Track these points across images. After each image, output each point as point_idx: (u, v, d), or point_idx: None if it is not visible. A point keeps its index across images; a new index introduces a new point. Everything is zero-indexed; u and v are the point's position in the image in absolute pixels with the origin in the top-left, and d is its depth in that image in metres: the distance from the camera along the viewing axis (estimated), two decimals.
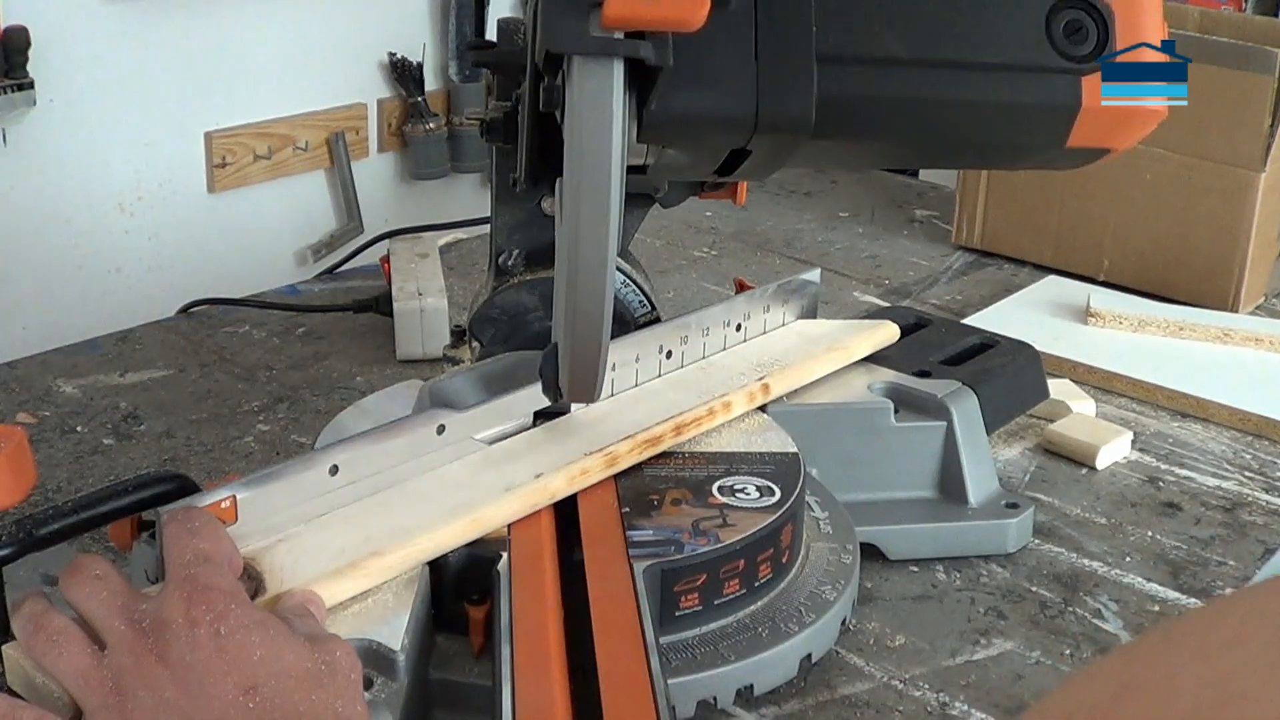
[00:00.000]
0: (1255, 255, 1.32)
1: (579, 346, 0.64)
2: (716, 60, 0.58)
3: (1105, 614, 0.85)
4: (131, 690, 0.57)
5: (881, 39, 0.66)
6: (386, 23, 2.10)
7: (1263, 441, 1.08)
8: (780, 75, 0.62)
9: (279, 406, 1.09)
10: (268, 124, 1.97)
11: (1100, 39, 0.68)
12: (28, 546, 0.66)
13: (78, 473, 0.98)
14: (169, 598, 0.60)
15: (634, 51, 0.57)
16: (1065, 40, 0.68)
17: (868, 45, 0.65)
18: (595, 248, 0.60)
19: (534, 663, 0.65)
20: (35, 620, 0.60)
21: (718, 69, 0.58)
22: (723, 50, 0.59)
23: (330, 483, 0.73)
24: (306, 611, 0.64)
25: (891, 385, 0.94)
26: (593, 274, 0.61)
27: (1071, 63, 0.68)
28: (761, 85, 0.62)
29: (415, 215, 1.88)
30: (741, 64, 0.61)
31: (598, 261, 0.61)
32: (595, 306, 0.62)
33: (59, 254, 1.79)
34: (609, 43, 0.57)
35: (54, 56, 1.70)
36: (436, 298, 1.17)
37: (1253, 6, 2.43)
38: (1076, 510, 0.97)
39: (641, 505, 0.77)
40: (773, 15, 0.62)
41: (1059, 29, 0.68)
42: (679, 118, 0.63)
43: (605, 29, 0.56)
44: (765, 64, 0.62)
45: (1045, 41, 0.68)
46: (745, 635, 0.75)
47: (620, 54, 0.57)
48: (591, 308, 0.63)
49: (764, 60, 0.62)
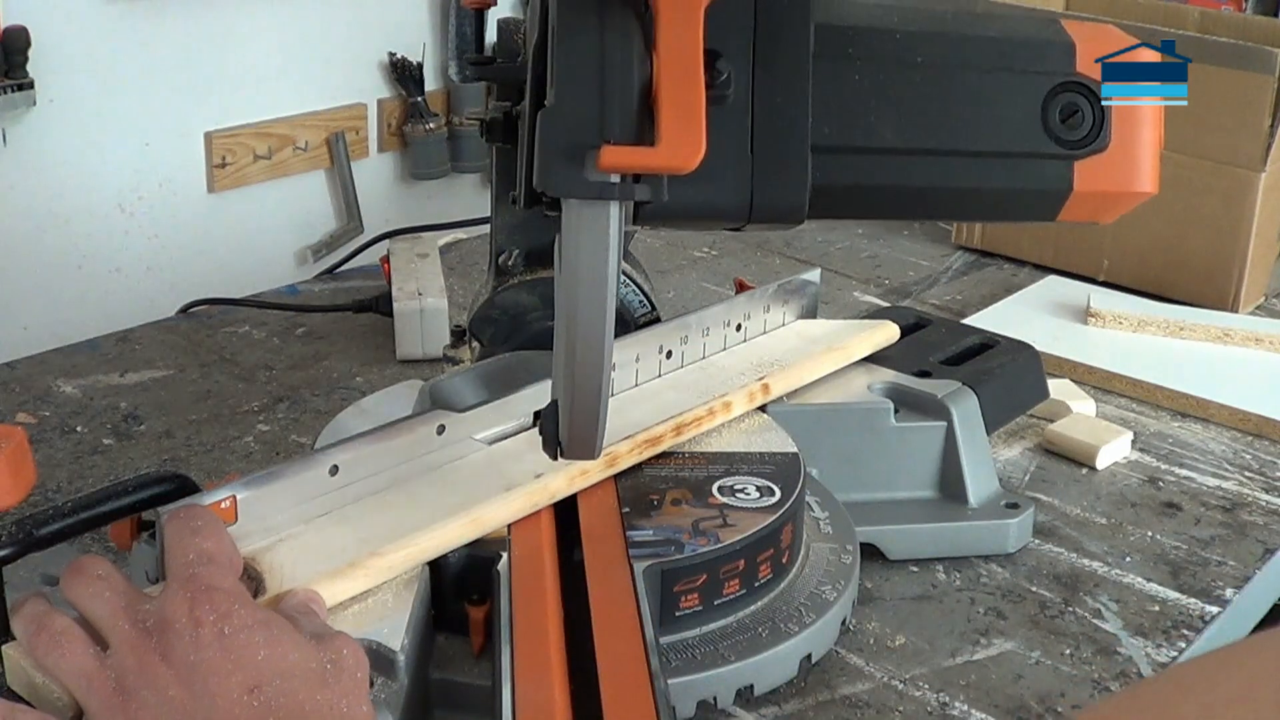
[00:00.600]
0: (1255, 255, 1.32)
1: (578, 415, 0.65)
2: (712, 155, 0.57)
3: (1105, 614, 0.85)
4: (135, 690, 0.57)
5: (877, 128, 0.65)
6: (386, 23, 2.09)
7: (1263, 441, 1.08)
8: (775, 168, 0.62)
9: (279, 406, 1.09)
10: (268, 124, 1.97)
11: (1095, 122, 0.67)
12: (28, 547, 0.66)
13: (77, 473, 0.98)
14: (172, 597, 0.59)
15: (629, 195, 0.58)
16: (1060, 125, 0.67)
17: (863, 135, 0.65)
18: (591, 357, 0.62)
19: (534, 663, 0.65)
20: (37, 620, 0.60)
21: (713, 164, 0.57)
22: (719, 145, 0.58)
23: (330, 483, 0.73)
24: (310, 610, 0.64)
25: (891, 385, 0.94)
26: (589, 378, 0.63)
27: (1065, 148, 0.67)
28: (756, 180, 0.61)
29: (415, 215, 1.88)
30: (737, 158, 0.61)
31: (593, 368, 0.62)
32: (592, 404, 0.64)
33: (59, 254, 1.78)
34: (605, 187, 0.57)
35: (54, 56, 1.70)
36: (436, 298, 1.17)
37: (1253, 6, 2.43)
38: (1076, 510, 0.97)
39: (641, 505, 0.77)
40: (770, 108, 0.61)
41: (1055, 113, 0.67)
42: (674, 212, 0.63)
43: (601, 172, 0.56)
44: (760, 157, 0.61)
45: (1040, 127, 0.67)
46: (745, 635, 0.75)
47: (616, 197, 0.57)
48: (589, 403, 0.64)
49: (759, 153, 0.61)
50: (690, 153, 0.56)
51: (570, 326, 0.61)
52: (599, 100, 0.56)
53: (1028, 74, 0.66)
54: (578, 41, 0.56)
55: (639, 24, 0.56)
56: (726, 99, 0.60)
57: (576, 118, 0.56)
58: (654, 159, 0.56)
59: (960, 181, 0.68)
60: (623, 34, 0.56)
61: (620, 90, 0.56)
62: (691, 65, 0.56)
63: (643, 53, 0.56)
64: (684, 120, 0.56)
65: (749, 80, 0.60)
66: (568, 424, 0.66)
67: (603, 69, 0.56)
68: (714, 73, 0.58)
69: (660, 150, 0.55)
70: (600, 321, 0.61)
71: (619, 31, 0.56)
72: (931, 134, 0.66)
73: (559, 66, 0.56)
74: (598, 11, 0.55)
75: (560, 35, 0.56)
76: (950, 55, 0.65)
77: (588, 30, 0.56)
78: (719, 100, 0.58)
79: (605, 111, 0.56)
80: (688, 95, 0.56)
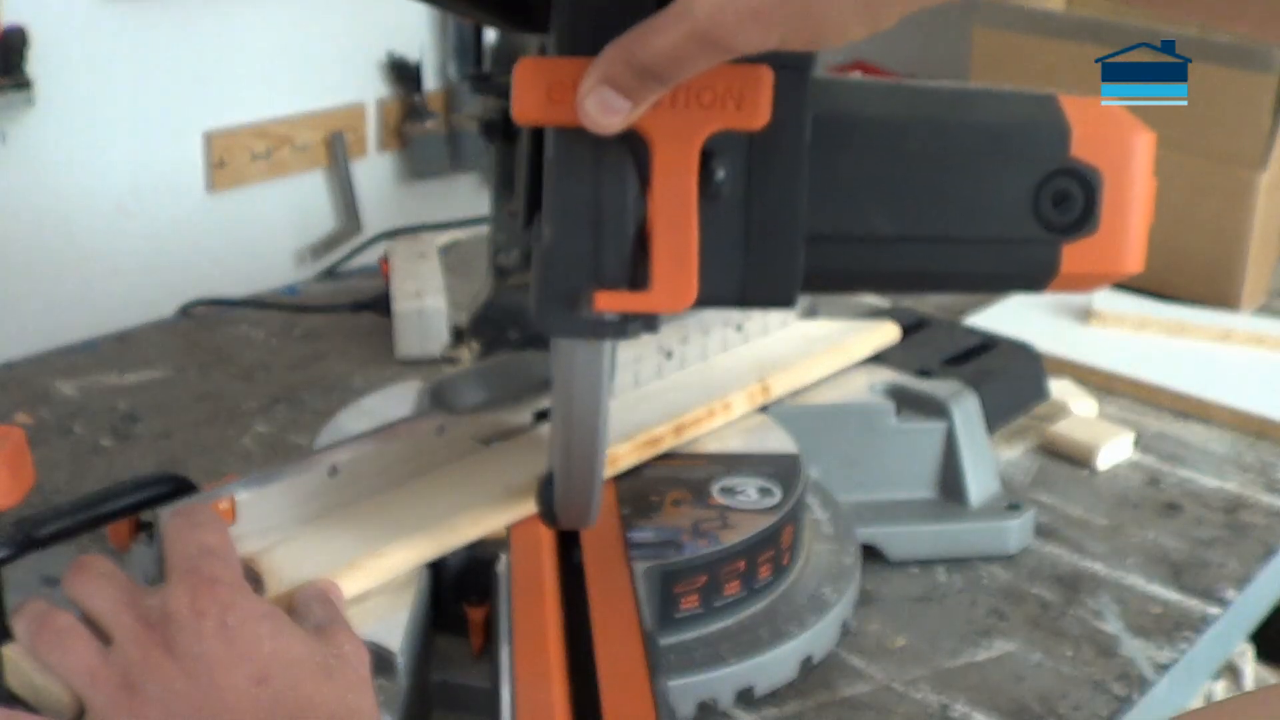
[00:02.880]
0: (1256, 255, 1.32)
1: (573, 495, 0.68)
2: (706, 250, 0.58)
3: (1106, 615, 0.85)
4: (140, 684, 0.56)
5: (870, 217, 0.65)
6: (385, 22, 2.09)
7: (1264, 442, 1.08)
8: (768, 260, 0.62)
9: (277, 407, 1.09)
10: (266, 124, 1.97)
11: (1086, 206, 0.67)
12: (26, 547, 0.66)
13: (76, 473, 0.98)
14: (174, 590, 0.59)
15: (621, 333, 0.59)
16: (1051, 210, 0.66)
17: (856, 224, 0.65)
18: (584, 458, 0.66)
19: (534, 663, 0.65)
20: (39, 619, 0.60)
21: (707, 258, 0.58)
22: (713, 241, 0.59)
23: (329, 483, 0.73)
24: (326, 599, 0.64)
25: (892, 385, 0.93)
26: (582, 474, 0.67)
27: (1053, 231, 0.67)
28: (749, 271, 0.62)
29: (414, 215, 1.88)
30: (730, 251, 0.61)
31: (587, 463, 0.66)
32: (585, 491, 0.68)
33: (57, 254, 1.78)
34: (599, 326, 0.58)
35: (53, 56, 1.70)
36: (436, 298, 1.17)
37: None
38: (1077, 511, 0.97)
39: (641, 506, 0.77)
40: (764, 202, 0.61)
41: (1046, 199, 0.66)
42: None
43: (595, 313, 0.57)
44: (753, 250, 0.61)
45: (1030, 212, 0.66)
46: (745, 636, 0.75)
47: (610, 336, 0.59)
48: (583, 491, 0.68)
49: (752, 247, 0.61)
50: (683, 299, 0.57)
51: (565, 430, 0.64)
52: (593, 243, 0.57)
53: (1022, 161, 0.66)
54: (573, 182, 0.56)
55: (634, 161, 0.56)
56: (721, 196, 0.60)
57: (571, 262, 0.57)
58: (647, 304, 0.57)
59: (948, 265, 0.68)
60: (618, 174, 0.56)
61: (615, 234, 0.57)
62: (686, 207, 0.57)
63: (638, 193, 0.57)
64: (677, 265, 0.57)
65: (745, 177, 0.60)
66: (562, 499, 0.69)
67: (598, 212, 0.56)
68: (708, 172, 0.58)
69: (653, 295, 0.56)
70: (593, 435, 0.64)
71: (614, 171, 0.56)
72: (923, 222, 0.66)
73: (555, 206, 0.57)
74: (594, 150, 0.55)
75: (556, 173, 0.56)
76: (945, 144, 0.65)
77: (583, 170, 0.56)
78: (713, 197, 0.59)
79: (600, 255, 0.57)
80: (681, 239, 0.57)
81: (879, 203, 0.64)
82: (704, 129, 0.56)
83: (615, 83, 0.51)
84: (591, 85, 0.52)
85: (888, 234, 0.65)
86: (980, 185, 0.66)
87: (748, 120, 0.56)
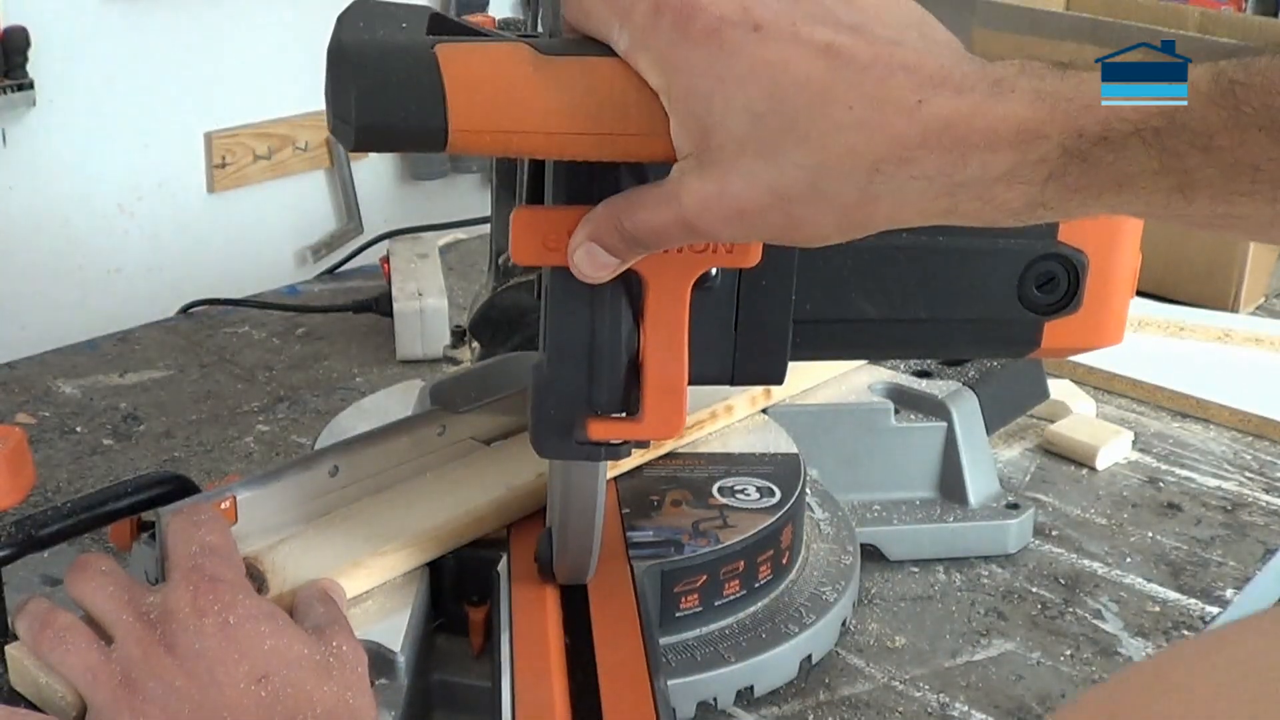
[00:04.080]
0: (1255, 255, 1.32)
1: (571, 555, 0.70)
2: (698, 336, 0.60)
3: (1105, 614, 0.85)
4: (141, 682, 0.57)
5: (857, 303, 0.67)
6: None
7: (1263, 442, 1.08)
8: (757, 343, 0.64)
9: (279, 407, 1.09)
10: (267, 124, 1.97)
11: (1070, 288, 0.68)
12: (27, 547, 0.66)
13: (77, 473, 0.98)
14: (175, 589, 0.60)
15: (614, 455, 0.61)
16: (1035, 292, 0.68)
17: (844, 310, 0.67)
18: (582, 535, 0.68)
19: (534, 663, 0.66)
20: (41, 618, 0.60)
21: (699, 343, 0.60)
22: (704, 326, 0.61)
23: (330, 483, 0.73)
24: (327, 598, 0.65)
25: (892, 385, 0.94)
26: (580, 549, 0.69)
27: (1036, 311, 0.69)
28: (739, 354, 0.64)
29: (415, 215, 1.88)
30: (721, 336, 0.63)
31: (584, 538, 0.69)
32: (584, 549, 0.69)
33: (58, 254, 1.78)
34: (595, 449, 0.60)
35: (54, 56, 1.70)
36: (436, 298, 1.17)
37: (1253, 6, 2.43)
38: (1076, 511, 0.97)
39: (642, 506, 0.77)
40: (755, 289, 0.63)
41: (1030, 282, 0.68)
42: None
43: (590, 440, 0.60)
44: (744, 335, 0.64)
45: (1014, 295, 0.68)
46: (745, 636, 0.75)
47: (603, 459, 0.62)
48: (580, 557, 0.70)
49: (743, 331, 0.64)
50: (672, 428, 0.60)
51: (563, 509, 0.67)
52: (588, 374, 0.59)
53: (1009, 250, 0.68)
54: (570, 317, 0.58)
55: (628, 296, 0.58)
56: (714, 287, 0.62)
57: (566, 392, 0.59)
58: (637, 432, 0.60)
59: (931, 341, 0.71)
60: (613, 310, 0.58)
61: (609, 365, 0.59)
62: (677, 342, 0.59)
63: (631, 326, 0.58)
64: (668, 397, 0.59)
65: (737, 270, 0.62)
66: (559, 559, 0.70)
67: (592, 345, 0.58)
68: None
69: (644, 424, 0.59)
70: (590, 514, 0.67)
71: (609, 308, 0.58)
72: (909, 306, 0.68)
73: (551, 336, 0.59)
74: (589, 287, 0.56)
75: (553, 309, 0.59)
76: (934, 235, 0.67)
77: (579, 306, 0.58)
78: (706, 289, 0.61)
79: (594, 385, 0.59)
80: (672, 372, 0.59)
81: (867, 290, 0.67)
82: (696, 269, 0.58)
83: (603, 242, 0.53)
84: (581, 241, 0.54)
85: (874, 317, 0.67)
86: (967, 273, 0.68)
87: (739, 261, 0.58)
